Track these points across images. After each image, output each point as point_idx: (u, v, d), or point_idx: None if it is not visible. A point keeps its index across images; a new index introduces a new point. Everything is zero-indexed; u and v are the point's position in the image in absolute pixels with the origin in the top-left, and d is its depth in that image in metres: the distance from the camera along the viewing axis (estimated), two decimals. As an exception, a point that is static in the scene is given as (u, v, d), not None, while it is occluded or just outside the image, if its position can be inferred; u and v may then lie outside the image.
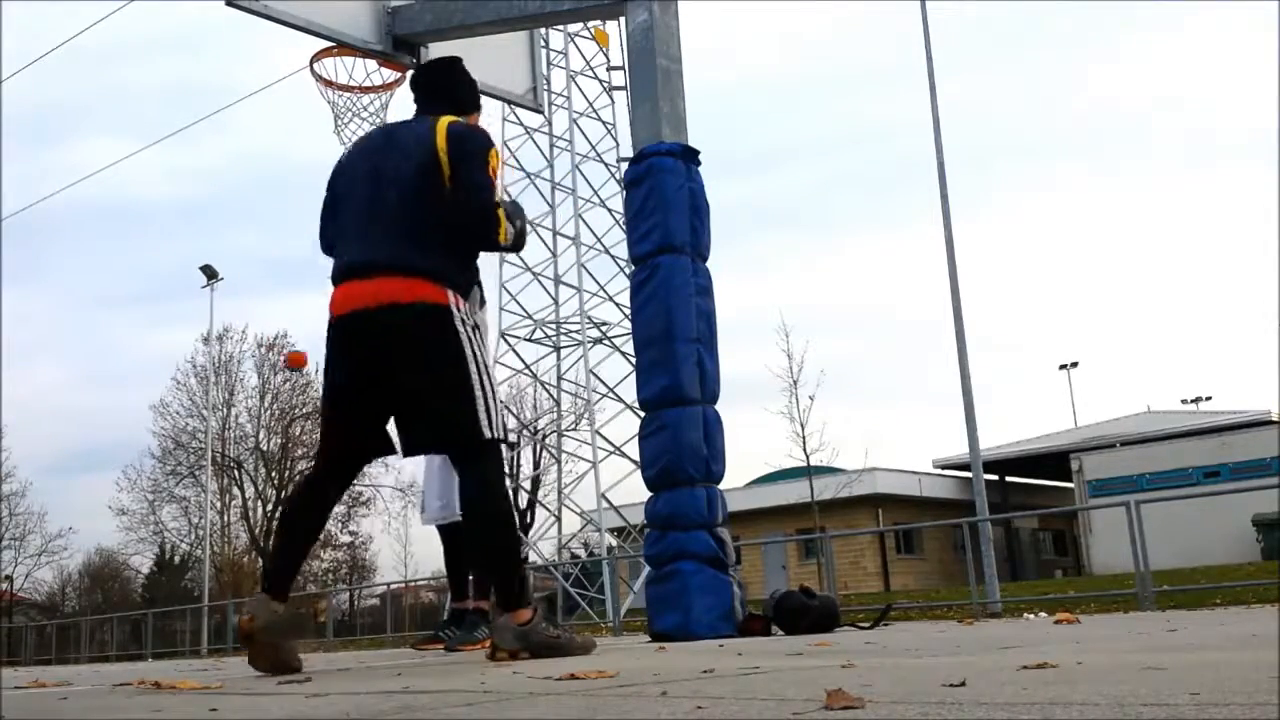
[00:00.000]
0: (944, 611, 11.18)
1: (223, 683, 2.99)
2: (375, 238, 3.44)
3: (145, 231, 63.56)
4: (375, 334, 3.35)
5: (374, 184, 3.53)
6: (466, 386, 3.37)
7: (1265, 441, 24.89)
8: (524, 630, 3.28)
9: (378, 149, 3.64)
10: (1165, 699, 1.39)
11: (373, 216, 3.48)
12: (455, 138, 3.52)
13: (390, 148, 3.60)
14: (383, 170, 3.53)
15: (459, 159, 3.48)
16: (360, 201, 3.55)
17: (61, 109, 58.34)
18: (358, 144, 3.75)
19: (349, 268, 3.45)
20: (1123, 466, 26.74)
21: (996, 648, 3.01)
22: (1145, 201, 61.16)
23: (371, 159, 3.61)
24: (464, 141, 3.53)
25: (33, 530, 39.47)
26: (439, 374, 3.37)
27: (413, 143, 3.55)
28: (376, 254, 3.40)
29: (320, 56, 7.44)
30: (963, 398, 13.55)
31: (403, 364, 3.36)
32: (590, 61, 22.66)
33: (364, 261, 3.41)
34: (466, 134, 3.57)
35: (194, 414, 35.35)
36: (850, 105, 64.45)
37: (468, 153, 3.50)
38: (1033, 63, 64.95)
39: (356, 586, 37.26)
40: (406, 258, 3.37)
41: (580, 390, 22.39)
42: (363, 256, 3.43)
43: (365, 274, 3.39)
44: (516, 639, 3.26)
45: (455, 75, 4.00)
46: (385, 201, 3.47)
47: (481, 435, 3.37)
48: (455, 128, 3.56)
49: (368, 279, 3.38)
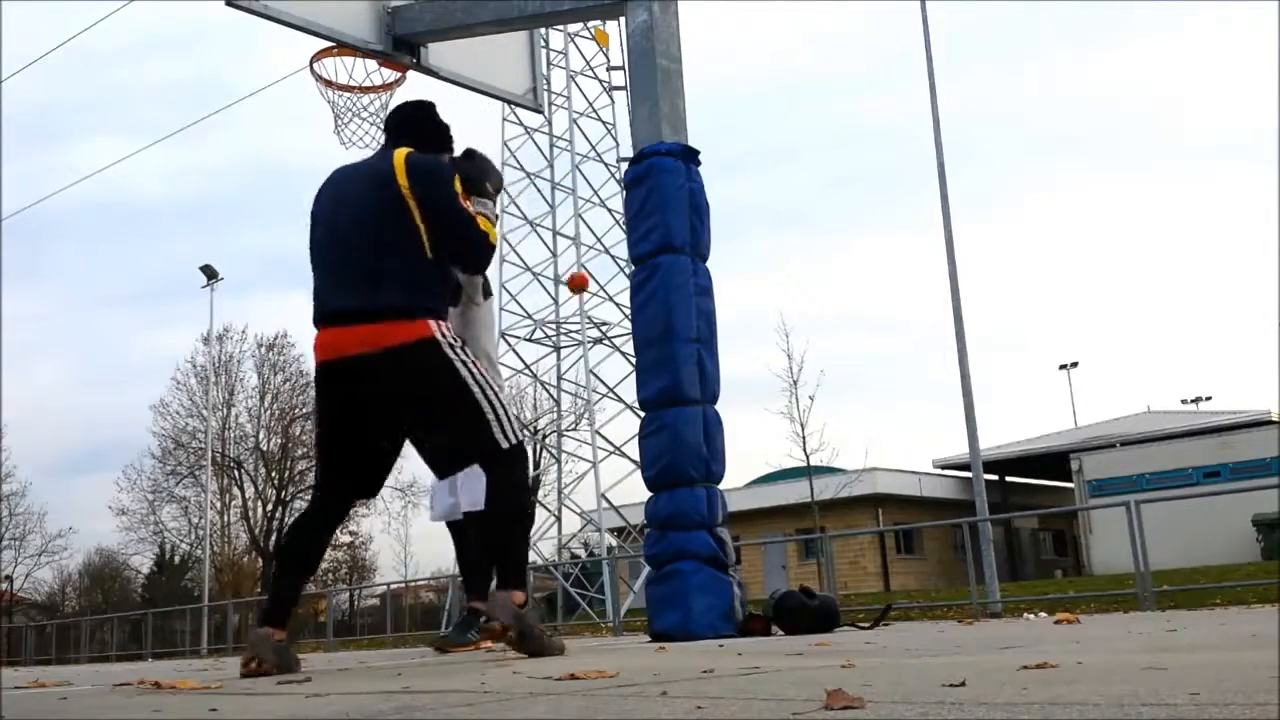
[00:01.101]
0: (944, 611, 11.18)
1: (223, 683, 2.99)
2: (348, 282, 3.49)
3: (145, 231, 63.56)
4: (365, 379, 3.42)
5: (340, 227, 3.56)
6: (471, 406, 3.45)
7: (1265, 441, 24.88)
8: (520, 612, 3.43)
9: (341, 189, 3.66)
10: (1165, 699, 1.39)
11: (344, 260, 3.52)
12: (415, 170, 3.52)
13: (353, 187, 3.62)
14: (347, 212, 3.57)
15: (426, 195, 3.49)
16: (330, 245, 3.59)
17: (61, 109, 58.35)
18: (325, 184, 3.75)
19: (327, 314, 3.51)
20: (1123, 466, 26.72)
21: (996, 648, 3.01)
22: (1145, 201, 61.19)
23: (336, 201, 3.64)
24: (426, 175, 3.53)
25: (33, 530, 39.47)
26: (441, 403, 3.45)
27: (374, 180, 3.56)
28: (351, 300, 3.45)
29: (320, 56, 7.43)
30: (963, 398, 13.55)
31: (402, 402, 3.46)
32: (590, 61, 22.66)
33: (339, 308, 3.47)
34: (426, 165, 3.56)
35: (194, 414, 35.36)
36: (850, 105, 64.47)
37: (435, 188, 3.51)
38: (1033, 63, 64.95)
39: (356, 586, 37.26)
40: (380, 300, 3.41)
41: (580, 390, 22.40)
42: (339, 303, 3.48)
43: (344, 320, 3.45)
44: (513, 616, 3.41)
45: (424, 114, 3.94)
46: (353, 244, 3.51)
47: (499, 447, 3.48)
48: (414, 159, 3.56)
49: (347, 326, 3.43)
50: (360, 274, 3.46)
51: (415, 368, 3.40)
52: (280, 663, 3.29)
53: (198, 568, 34.68)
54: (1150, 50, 61.47)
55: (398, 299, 3.41)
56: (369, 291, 3.43)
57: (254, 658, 3.27)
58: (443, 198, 3.52)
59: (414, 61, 7.54)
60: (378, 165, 3.63)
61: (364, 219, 3.51)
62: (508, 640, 3.42)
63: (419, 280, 3.48)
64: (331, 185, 3.72)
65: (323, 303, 3.54)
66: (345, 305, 3.46)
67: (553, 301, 22.77)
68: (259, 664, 3.25)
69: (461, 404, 3.43)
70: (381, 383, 3.41)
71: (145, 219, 61.79)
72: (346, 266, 3.51)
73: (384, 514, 49.01)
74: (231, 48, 63.14)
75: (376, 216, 3.49)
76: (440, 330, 3.46)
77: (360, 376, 3.41)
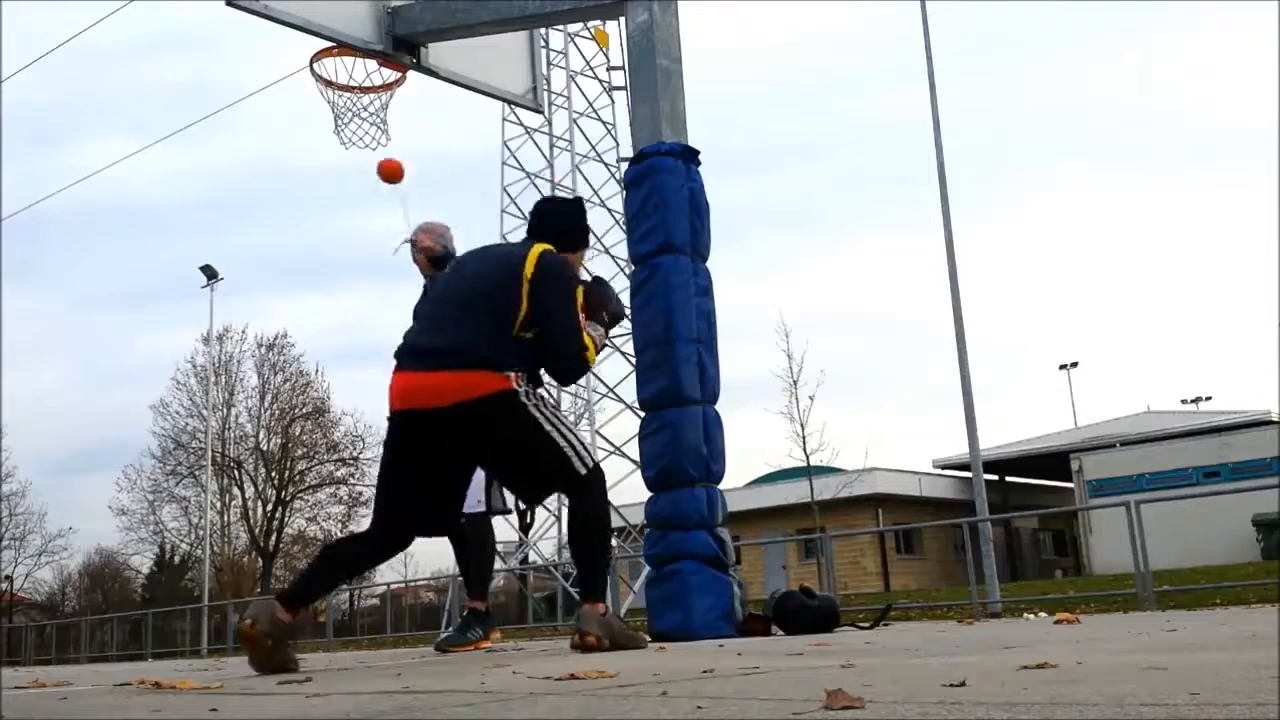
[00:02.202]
0: (944, 611, 11.18)
1: (223, 683, 2.99)
2: (439, 330, 3.71)
3: (145, 231, 63.57)
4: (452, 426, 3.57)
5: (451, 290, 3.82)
6: (549, 444, 3.68)
7: (1265, 441, 24.88)
8: (606, 620, 3.73)
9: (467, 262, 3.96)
10: (1165, 699, 1.39)
11: (442, 313, 3.77)
12: (545, 269, 3.74)
13: (478, 261, 3.91)
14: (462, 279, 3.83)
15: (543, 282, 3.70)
16: (435, 300, 3.91)
17: (61, 109, 58.33)
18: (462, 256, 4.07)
19: (413, 349, 3.72)
20: (1123, 466, 26.72)
21: (996, 648, 3.01)
22: (1145, 201, 61.18)
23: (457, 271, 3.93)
24: (553, 276, 3.75)
25: (33, 530, 39.47)
26: (520, 449, 3.69)
27: (503, 259, 3.82)
28: (437, 341, 3.66)
29: (320, 56, 7.43)
30: (963, 398, 13.54)
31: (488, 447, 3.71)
32: (590, 61, 22.66)
33: (429, 346, 3.67)
34: (558, 268, 3.79)
35: (194, 414, 35.33)
36: (850, 105, 64.46)
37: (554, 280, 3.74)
38: (1033, 63, 64.96)
39: (356, 586, 37.17)
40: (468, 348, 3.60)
41: (580, 390, 22.40)
42: (429, 341, 3.70)
43: (427, 363, 3.62)
44: (601, 627, 3.67)
45: (572, 214, 4.21)
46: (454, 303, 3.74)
47: (579, 475, 3.75)
48: (548, 258, 3.79)
49: (429, 371, 3.60)
50: (452, 325, 3.67)
51: (501, 420, 3.60)
52: (273, 634, 3.32)
53: (198, 568, 34.68)
54: (1150, 50, 61.48)
55: (488, 351, 3.61)
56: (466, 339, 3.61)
57: (253, 618, 3.34)
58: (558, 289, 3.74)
59: (414, 61, 7.54)
60: (513, 249, 3.91)
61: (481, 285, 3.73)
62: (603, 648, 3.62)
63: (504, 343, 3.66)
64: (472, 255, 4.00)
65: (408, 342, 3.77)
66: (431, 344, 3.66)
67: (553, 301, 22.75)
68: (253, 623, 3.32)
69: (541, 447, 3.67)
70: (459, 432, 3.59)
71: (145, 219, 61.82)
72: (443, 318, 3.73)
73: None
74: (232, 48, 63.15)
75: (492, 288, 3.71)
76: (516, 381, 3.63)
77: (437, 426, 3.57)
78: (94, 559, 42.85)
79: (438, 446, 3.61)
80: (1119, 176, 62.05)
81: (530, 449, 3.68)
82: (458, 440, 3.61)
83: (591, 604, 3.76)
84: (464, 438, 3.61)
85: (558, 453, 3.71)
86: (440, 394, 3.55)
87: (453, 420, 3.55)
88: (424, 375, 3.61)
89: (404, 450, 3.67)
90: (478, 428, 3.59)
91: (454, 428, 3.57)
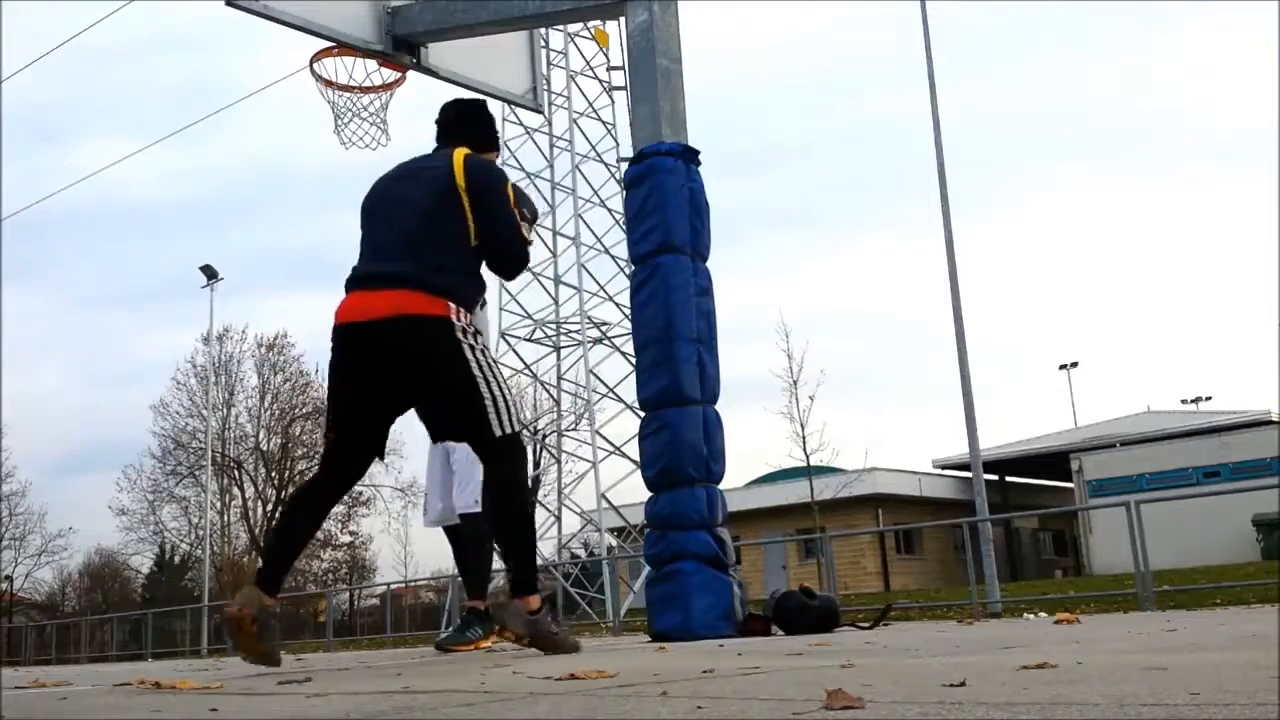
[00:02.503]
0: (944, 611, 11.18)
1: (223, 683, 2.99)
2: (388, 253, 3.63)
3: (145, 231, 63.55)
4: (381, 344, 3.49)
5: (392, 207, 3.73)
6: (474, 392, 3.53)
7: (1265, 441, 24.88)
8: (533, 618, 3.52)
9: (396, 185, 3.82)
10: (1165, 699, 1.39)
11: (388, 235, 3.68)
12: (473, 172, 3.70)
13: (409, 177, 3.81)
14: (400, 196, 3.73)
15: (482, 194, 3.67)
16: (379, 222, 3.75)
17: (61, 109, 58.33)
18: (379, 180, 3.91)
19: (360, 277, 3.64)
20: (1123, 466, 26.72)
21: (996, 648, 3.01)
22: (1145, 201, 61.18)
23: (390, 196, 3.79)
24: (484, 177, 3.72)
25: (33, 530, 39.47)
26: (446, 383, 3.55)
27: (430, 177, 3.73)
28: (386, 267, 3.59)
29: (320, 56, 7.43)
30: (963, 398, 13.55)
31: (410, 372, 3.53)
32: (590, 61, 22.68)
33: (374, 273, 3.60)
34: (485, 168, 3.76)
35: (194, 414, 35.35)
36: (850, 105, 64.46)
37: (490, 188, 3.71)
38: (1033, 63, 64.96)
39: (356, 586, 37.22)
40: (413, 273, 3.54)
41: (580, 390, 22.40)
42: (374, 269, 3.63)
43: (374, 284, 3.56)
44: (525, 625, 3.50)
45: (480, 115, 4.16)
46: (400, 222, 3.66)
47: (493, 435, 3.55)
48: (473, 160, 3.74)
49: (376, 290, 3.54)
50: (398, 250, 3.60)
51: (433, 346, 3.49)
52: (260, 619, 3.30)
53: (198, 568, 34.67)
54: (1151, 50, 61.49)
55: (434, 278, 3.53)
56: (402, 263, 3.55)
57: (240, 604, 3.31)
58: (495, 196, 3.71)
59: (414, 61, 7.54)
60: (435, 163, 3.80)
61: (417, 206, 3.65)
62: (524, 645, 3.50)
63: (451, 268, 3.60)
64: (386, 181, 3.87)
65: (356, 270, 3.67)
66: (377, 270, 3.59)
67: (553, 301, 22.78)
68: (241, 608, 3.29)
69: (467, 389, 3.52)
70: (393, 350, 3.49)
71: (145, 219, 61.83)
72: (388, 243, 3.65)
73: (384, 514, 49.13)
74: (232, 48, 63.16)
75: (429, 204, 3.64)
76: (458, 314, 3.55)
77: (376, 341, 3.48)
78: (94, 559, 42.88)
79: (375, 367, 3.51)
80: (1119, 176, 62.07)
81: (451, 390, 3.53)
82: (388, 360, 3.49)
83: (521, 597, 3.55)
84: (393, 358, 3.49)
85: (478, 403, 3.54)
86: (376, 308, 3.49)
87: (385, 336, 3.46)
88: (367, 294, 3.55)
89: (346, 372, 3.57)
90: (407, 351, 3.49)
91: (386, 347, 3.48)
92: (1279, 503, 18.05)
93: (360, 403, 3.57)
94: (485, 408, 3.54)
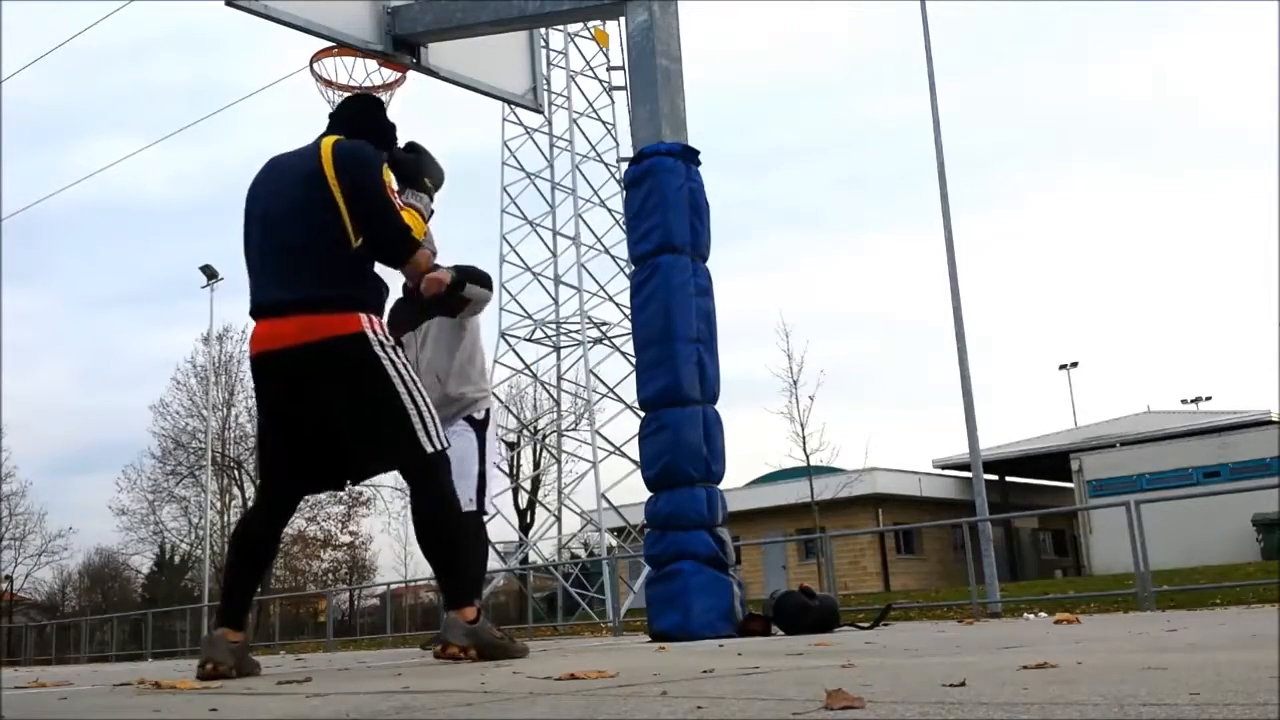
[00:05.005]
0: (944, 611, 11.18)
1: (223, 683, 2.99)
2: (279, 275, 3.43)
3: (146, 231, 63.56)
4: (295, 371, 3.35)
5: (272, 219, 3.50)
6: (397, 408, 3.36)
7: (1265, 441, 24.87)
8: (473, 628, 3.41)
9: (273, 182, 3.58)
10: (1165, 699, 1.39)
11: (274, 253, 3.46)
12: (340, 157, 3.47)
13: (279, 179, 3.56)
14: (277, 204, 3.50)
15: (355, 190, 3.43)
16: (260, 239, 3.52)
17: (62, 109, 58.33)
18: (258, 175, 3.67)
19: (260, 307, 3.46)
20: (1123, 466, 26.71)
21: (996, 648, 3.01)
22: (1145, 201, 61.19)
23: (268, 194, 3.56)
24: (350, 160, 3.47)
25: (33, 530, 39.42)
26: (367, 401, 3.36)
27: (303, 169, 3.50)
28: (282, 292, 3.39)
29: (320, 56, 7.44)
30: (963, 398, 13.54)
31: (329, 397, 3.36)
32: (590, 61, 22.66)
33: (272, 301, 3.41)
34: (351, 150, 3.50)
35: (194, 414, 35.32)
36: (851, 105, 64.46)
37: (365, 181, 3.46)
38: (1033, 63, 64.97)
39: (356, 586, 37.21)
40: (312, 293, 3.35)
41: (580, 390, 22.39)
42: (270, 296, 3.43)
43: (276, 312, 3.39)
44: (466, 635, 3.39)
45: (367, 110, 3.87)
46: (284, 236, 3.44)
47: (424, 452, 3.40)
48: (340, 145, 3.51)
49: (280, 317, 3.37)
50: (292, 266, 3.40)
51: (349, 365, 3.33)
52: (238, 664, 3.23)
53: (198, 568, 34.66)
54: (1151, 50, 61.51)
55: (335, 291, 3.36)
56: (301, 283, 3.37)
57: (209, 660, 3.21)
58: (365, 183, 3.46)
59: (414, 61, 7.55)
60: (306, 154, 3.56)
61: (294, 210, 3.45)
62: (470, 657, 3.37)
63: (350, 274, 3.42)
64: (264, 177, 3.63)
65: (257, 296, 3.48)
66: (280, 297, 3.39)
67: (553, 301, 22.78)
68: (214, 667, 3.19)
69: (389, 406, 3.36)
70: (313, 376, 3.33)
71: (145, 219, 61.83)
72: (279, 259, 3.44)
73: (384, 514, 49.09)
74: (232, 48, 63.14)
75: (305, 207, 3.43)
76: (372, 326, 3.39)
77: (295, 367, 3.34)
78: (94, 559, 42.85)
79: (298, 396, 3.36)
80: (1119, 176, 62.06)
81: (375, 408, 3.34)
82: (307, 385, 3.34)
83: (457, 610, 3.43)
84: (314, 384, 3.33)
85: (404, 420, 3.36)
86: (285, 335, 3.33)
87: (303, 363, 3.31)
88: (275, 321, 3.38)
89: (269, 404, 3.45)
90: (327, 375, 3.32)
91: (306, 373, 3.32)
92: (1279, 503, 18.06)
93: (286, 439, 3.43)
94: (414, 424, 3.37)
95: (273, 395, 3.44)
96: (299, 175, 3.49)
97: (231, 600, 3.42)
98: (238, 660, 3.26)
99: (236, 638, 3.29)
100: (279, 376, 3.39)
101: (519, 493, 27.98)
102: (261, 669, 3.47)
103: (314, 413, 3.40)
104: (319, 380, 3.34)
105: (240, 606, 3.41)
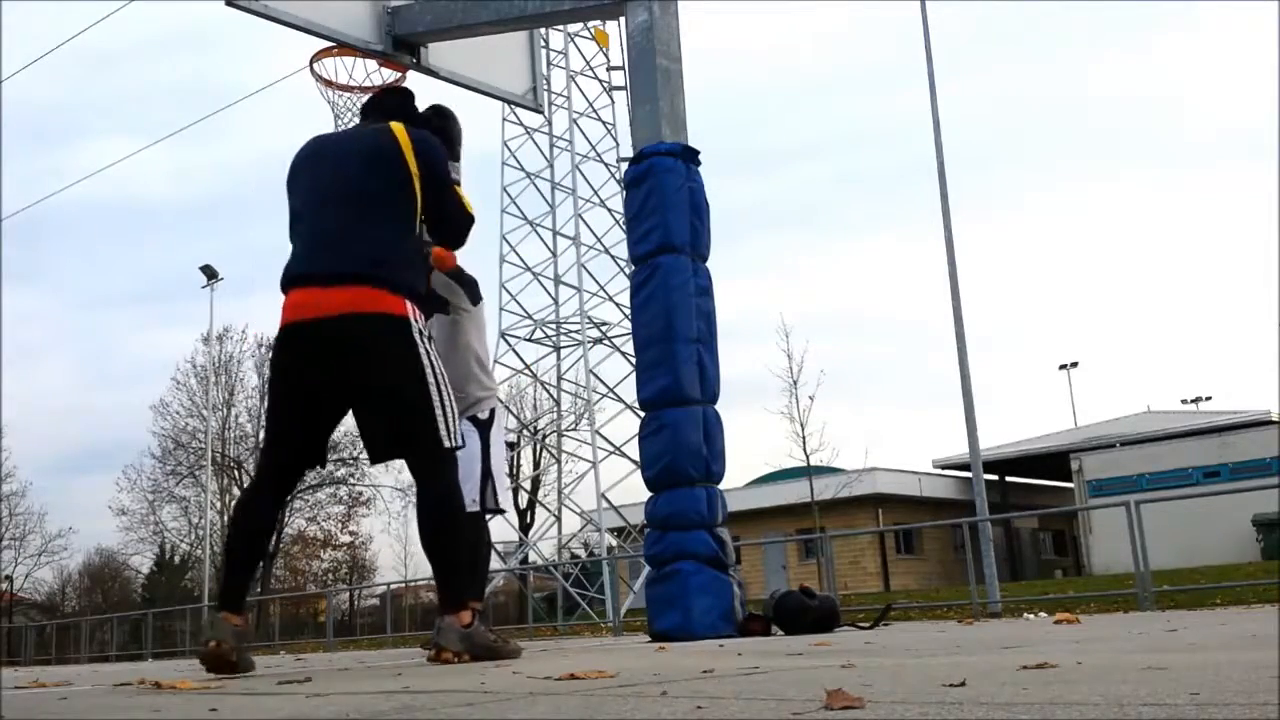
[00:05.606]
0: (944, 611, 11.19)
1: (223, 683, 2.99)
2: (336, 248, 3.40)
3: (146, 231, 63.60)
4: (335, 340, 3.31)
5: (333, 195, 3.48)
6: (426, 400, 3.36)
7: (1265, 441, 24.86)
8: (467, 632, 3.39)
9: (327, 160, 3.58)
10: (1165, 699, 1.39)
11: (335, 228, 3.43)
12: (419, 142, 3.53)
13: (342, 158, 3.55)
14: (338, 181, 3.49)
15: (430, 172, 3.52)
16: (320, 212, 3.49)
17: (63, 109, 58.35)
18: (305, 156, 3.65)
19: (308, 276, 3.40)
20: (1123, 466, 26.71)
21: (996, 648, 3.01)
22: (1145, 201, 61.19)
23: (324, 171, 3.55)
24: (429, 147, 3.55)
25: (33, 530, 39.44)
26: (399, 386, 3.35)
27: (365, 151, 3.51)
28: (339, 264, 3.36)
29: (320, 56, 7.44)
30: (963, 398, 13.55)
31: (362, 374, 3.34)
32: (590, 61, 22.68)
33: (324, 271, 3.37)
34: (426, 136, 3.58)
35: (194, 414, 35.33)
36: (851, 105, 64.47)
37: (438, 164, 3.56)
38: (1033, 63, 64.97)
39: (356, 586, 37.23)
40: (368, 269, 3.34)
41: (580, 390, 22.40)
42: (322, 266, 3.39)
43: (326, 282, 3.35)
44: (460, 640, 3.37)
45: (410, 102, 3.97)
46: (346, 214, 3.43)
47: (442, 446, 3.40)
48: (416, 131, 3.57)
49: (329, 287, 3.33)
50: (353, 239, 3.39)
51: (390, 347, 3.32)
52: (239, 647, 3.23)
53: (198, 568, 34.66)
54: (1151, 49, 61.51)
55: (386, 271, 3.35)
56: (359, 258, 3.35)
57: (212, 639, 3.22)
58: (438, 167, 3.55)
59: (414, 61, 7.55)
60: (366, 135, 3.58)
61: (363, 188, 3.45)
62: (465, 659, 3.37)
63: (406, 260, 3.46)
64: (315, 156, 3.62)
65: (301, 264, 3.43)
66: (335, 268, 3.35)
67: (553, 301, 22.78)
68: (217, 644, 3.19)
69: (420, 396, 3.35)
70: (351, 350, 3.30)
71: (146, 219, 61.89)
72: (339, 232, 3.42)
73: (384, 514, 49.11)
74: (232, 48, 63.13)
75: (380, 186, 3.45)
76: (415, 314, 3.40)
77: (336, 336, 3.29)
78: (94, 559, 42.86)
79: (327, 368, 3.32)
80: (1119, 176, 62.06)
81: (401, 397, 3.34)
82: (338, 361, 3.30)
83: (453, 613, 3.39)
84: (343, 359, 3.30)
85: (429, 413, 3.36)
86: (328, 305, 3.29)
87: (346, 332, 3.28)
88: (317, 290, 3.33)
89: (289, 376, 3.39)
90: (365, 350, 3.29)
91: (337, 347, 3.29)
92: (1279, 503, 18.06)
93: (301, 414, 3.41)
94: (437, 421, 3.37)
95: (299, 365, 3.37)
96: (365, 155, 3.50)
97: (230, 583, 3.42)
98: (238, 641, 3.24)
99: (237, 620, 3.28)
100: (314, 346, 3.33)
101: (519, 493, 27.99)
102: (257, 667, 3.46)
103: (337, 388, 3.38)
104: (355, 354, 3.31)
105: (239, 589, 3.38)
